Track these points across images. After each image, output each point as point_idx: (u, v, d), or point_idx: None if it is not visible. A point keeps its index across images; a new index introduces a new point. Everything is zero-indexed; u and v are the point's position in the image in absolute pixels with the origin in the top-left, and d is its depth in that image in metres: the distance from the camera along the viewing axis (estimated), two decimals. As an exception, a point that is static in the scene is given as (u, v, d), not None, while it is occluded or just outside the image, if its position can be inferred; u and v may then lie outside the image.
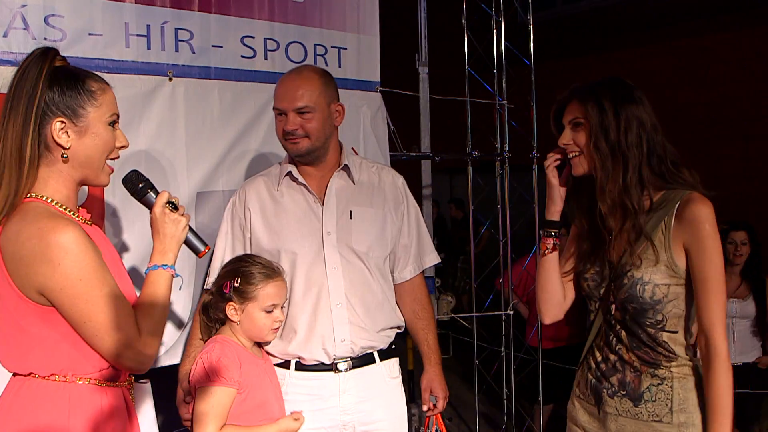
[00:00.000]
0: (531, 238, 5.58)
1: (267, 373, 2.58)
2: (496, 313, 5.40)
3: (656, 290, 2.23)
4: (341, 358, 2.69)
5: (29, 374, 1.86)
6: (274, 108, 2.70)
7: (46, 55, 1.92)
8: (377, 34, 4.17)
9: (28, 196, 1.87)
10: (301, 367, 2.70)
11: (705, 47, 9.52)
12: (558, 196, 2.49)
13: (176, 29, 3.38)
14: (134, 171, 2.17)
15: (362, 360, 2.74)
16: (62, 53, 3.01)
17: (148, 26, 3.29)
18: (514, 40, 5.37)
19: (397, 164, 4.62)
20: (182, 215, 2.09)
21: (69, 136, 1.90)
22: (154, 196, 2.10)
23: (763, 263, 5.26)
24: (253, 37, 3.65)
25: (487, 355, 5.73)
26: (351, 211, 2.74)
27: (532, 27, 5.28)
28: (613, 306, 2.35)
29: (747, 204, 8.89)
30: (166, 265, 2.03)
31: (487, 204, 5.65)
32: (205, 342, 2.58)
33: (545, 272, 2.54)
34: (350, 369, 2.70)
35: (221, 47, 3.54)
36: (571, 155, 2.36)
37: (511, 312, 5.32)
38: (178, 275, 2.06)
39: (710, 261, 2.15)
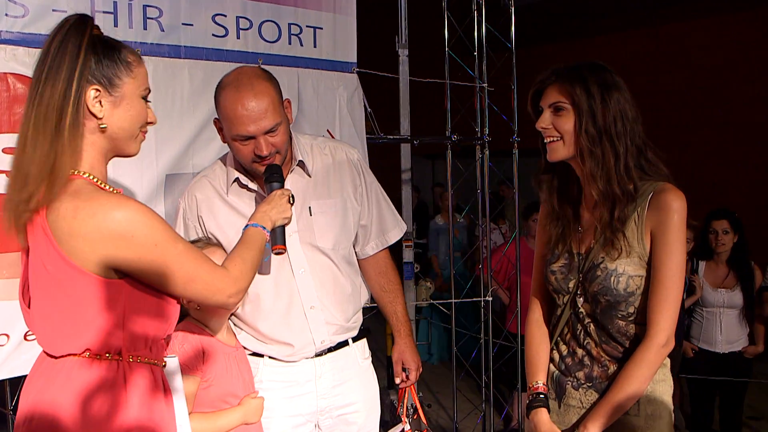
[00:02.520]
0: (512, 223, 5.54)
1: (236, 362, 2.50)
2: (474, 299, 5.34)
3: (630, 282, 2.15)
4: (323, 351, 2.66)
5: (84, 351, 1.84)
6: (236, 135, 2.39)
7: (85, 22, 1.86)
8: (354, 14, 4.09)
9: (72, 172, 1.83)
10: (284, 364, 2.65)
11: (685, 33, 9.48)
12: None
13: (144, 6, 3.28)
14: (278, 165, 2.45)
15: (336, 345, 2.70)
16: (24, 30, 2.98)
17: (115, 3, 3.20)
18: (495, 23, 5.30)
19: (375, 148, 4.55)
20: (291, 211, 2.39)
21: (102, 106, 1.86)
22: (276, 186, 2.41)
23: (748, 250, 5.22)
24: (225, 16, 3.55)
25: (468, 341, 5.69)
26: (310, 207, 2.62)
27: (513, 9, 5.21)
28: (582, 299, 2.27)
29: (728, 191, 8.89)
30: (264, 227, 2.25)
31: (470, 189, 5.59)
32: None
33: None
34: (325, 354, 2.66)
35: (192, 25, 3.44)
36: (548, 140, 2.25)
37: (490, 298, 5.26)
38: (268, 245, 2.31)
39: (669, 252, 2.09)
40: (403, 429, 2.86)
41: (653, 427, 2.19)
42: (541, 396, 2.38)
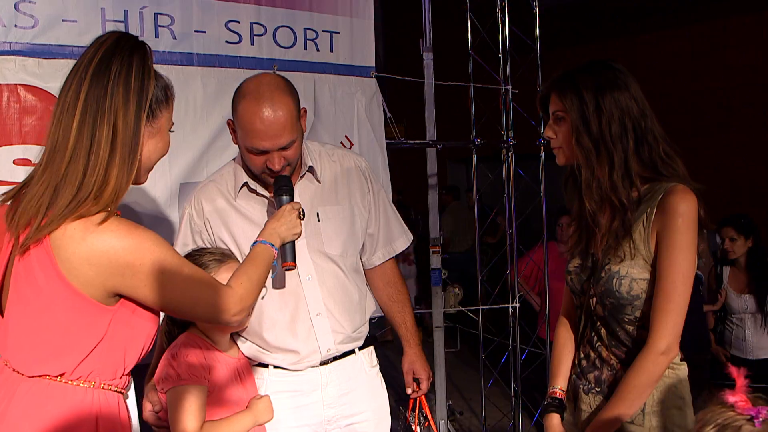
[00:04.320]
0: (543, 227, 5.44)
1: (238, 373, 2.46)
2: (502, 306, 5.25)
3: (633, 285, 2.07)
4: (328, 358, 2.61)
5: (59, 374, 1.81)
6: (251, 148, 2.35)
7: (145, 47, 1.88)
8: (371, 18, 4.05)
9: None
10: (291, 374, 2.59)
11: (721, 31, 9.24)
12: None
13: (156, 14, 3.28)
14: (288, 177, 2.40)
15: (342, 354, 2.65)
16: (34, 41, 2.99)
17: (126, 11, 3.19)
18: (519, 25, 5.24)
19: (402, 153, 4.51)
20: (301, 226, 2.34)
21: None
22: (286, 199, 2.35)
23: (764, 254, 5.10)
24: (238, 22, 3.54)
25: (498, 348, 5.61)
26: (318, 213, 2.57)
27: (537, 10, 5.13)
28: (594, 301, 2.20)
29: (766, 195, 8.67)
30: (272, 245, 2.23)
31: (502, 194, 5.52)
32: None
33: None
34: (330, 362, 2.61)
35: (204, 32, 3.43)
36: (552, 147, 2.24)
37: (518, 305, 5.16)
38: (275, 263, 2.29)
39: (672, 257, 2.00)
40: None
41: None
42: (556, 401, 2.34)
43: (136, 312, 1.86)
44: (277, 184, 2.39)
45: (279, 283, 2.52)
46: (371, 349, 2.76)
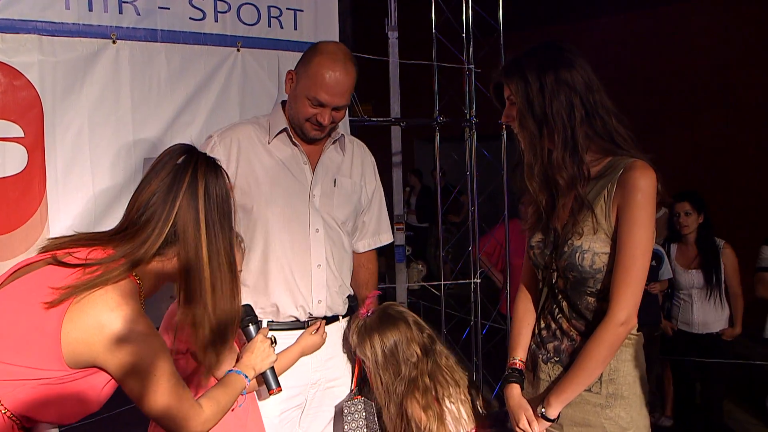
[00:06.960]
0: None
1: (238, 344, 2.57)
2: (463, 281, 5.36)
3: (596, 259, 2.14)
4: (315, 318, 2.75)
5: None
6: (312, 97, 2.59)
7: (217, 167, 2.04)
8: (336, -5, 4.07)
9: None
10: (273, 326, 2.71)
11: (686, 13, 9.38)
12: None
13: (119, -10, 3.27)
14: (249, 305, 2.50)
15: (329, 320, 2.81)
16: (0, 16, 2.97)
17: (90, -14, 3.19)
18: (483, 5, 5.30)
19: (365, 130, 4.56)
20: (274, 353, 2.45)
21: None
22: (253, 331, 2.46)
23: (738, 232, 5.24)
24: (202, -1, 3.54)
25: (460, 323, 5.70)
26: (335, 180, 2.80)
27: (500, -10, 5.21)
28: (556, 274, 2.28)
29: (728, 175, 8.85)
30: (246, 376, 2.32)
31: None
32: None
33: None
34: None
35: (168, 9, 3.42)
36: (515, 131, 2.30)
37: (479, 280, 5.27)
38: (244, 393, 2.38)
39: (631, 231, 2.07)
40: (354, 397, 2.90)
41: (613, 406, 2.19)
42: (516, 372, 2.41)
43: (87, 381, 1.85)
44: (243, 314, 2.45)
45: (290, 232, 2.69)
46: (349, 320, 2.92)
